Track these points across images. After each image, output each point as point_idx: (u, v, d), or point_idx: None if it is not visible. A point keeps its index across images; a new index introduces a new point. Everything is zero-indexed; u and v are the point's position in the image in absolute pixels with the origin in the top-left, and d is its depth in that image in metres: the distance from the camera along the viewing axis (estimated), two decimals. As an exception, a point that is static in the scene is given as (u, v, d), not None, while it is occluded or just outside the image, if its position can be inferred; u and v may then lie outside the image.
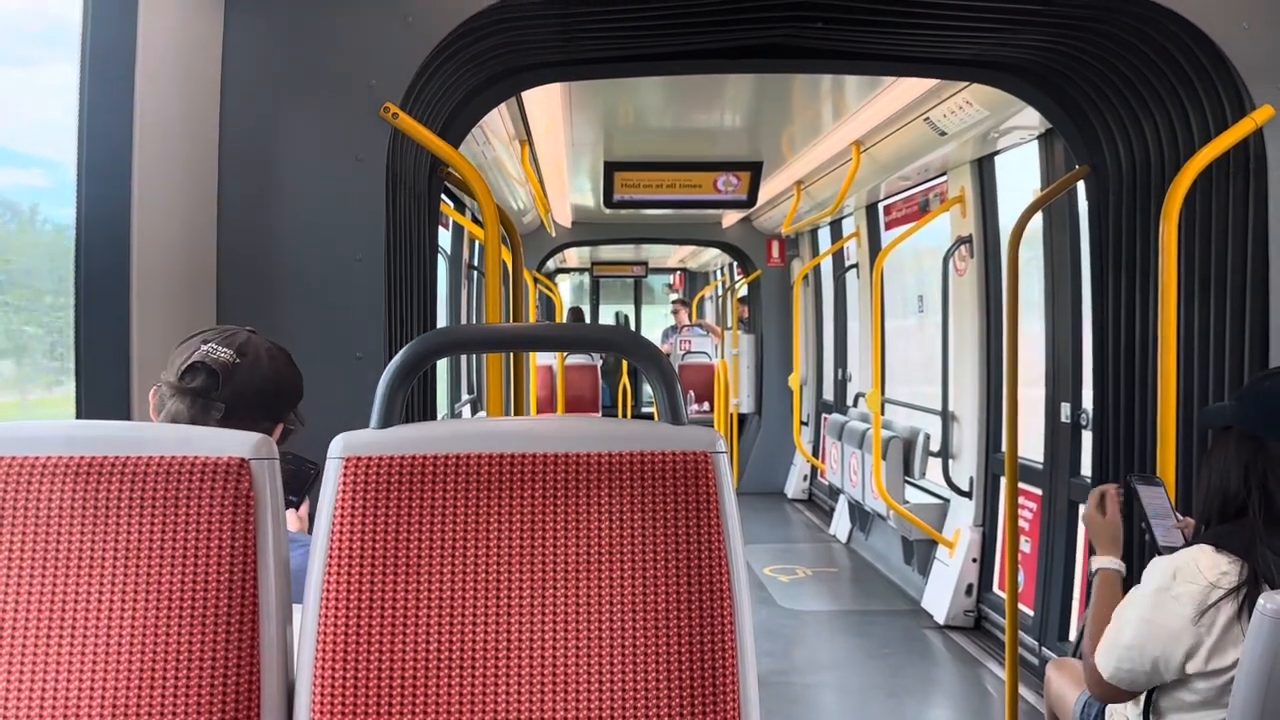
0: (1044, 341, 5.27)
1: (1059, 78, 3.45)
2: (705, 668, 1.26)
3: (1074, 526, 5.07)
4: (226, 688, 1.24)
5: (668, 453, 1.30)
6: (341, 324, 2.78)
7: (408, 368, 1.34)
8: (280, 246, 2.79)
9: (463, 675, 1.24)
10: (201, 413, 1.80)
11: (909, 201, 7.41)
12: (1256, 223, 2.90)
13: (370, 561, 1.26)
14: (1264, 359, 2.86)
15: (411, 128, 2.80)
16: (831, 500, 9.15)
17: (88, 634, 1.24)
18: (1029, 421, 5.27)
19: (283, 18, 2.79)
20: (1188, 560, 2.10)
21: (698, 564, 1.27)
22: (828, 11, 3.10)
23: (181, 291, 2.61)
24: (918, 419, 7.09)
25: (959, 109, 4.93)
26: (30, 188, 2.65)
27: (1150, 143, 3.24)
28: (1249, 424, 2.15)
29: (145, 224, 2.38)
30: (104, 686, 1.23)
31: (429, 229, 3.37)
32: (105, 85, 2.35)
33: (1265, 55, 2.88)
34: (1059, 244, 5.16)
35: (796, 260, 10.40)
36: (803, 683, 5.27)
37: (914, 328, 8.20)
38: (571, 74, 3.66)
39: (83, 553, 1.26)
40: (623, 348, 1.43)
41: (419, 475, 1.28)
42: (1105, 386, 3.62)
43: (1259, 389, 2.21)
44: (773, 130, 6.78)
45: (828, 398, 9.79)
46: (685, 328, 14.21)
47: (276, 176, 2.79)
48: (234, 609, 1.26)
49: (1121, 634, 2.15)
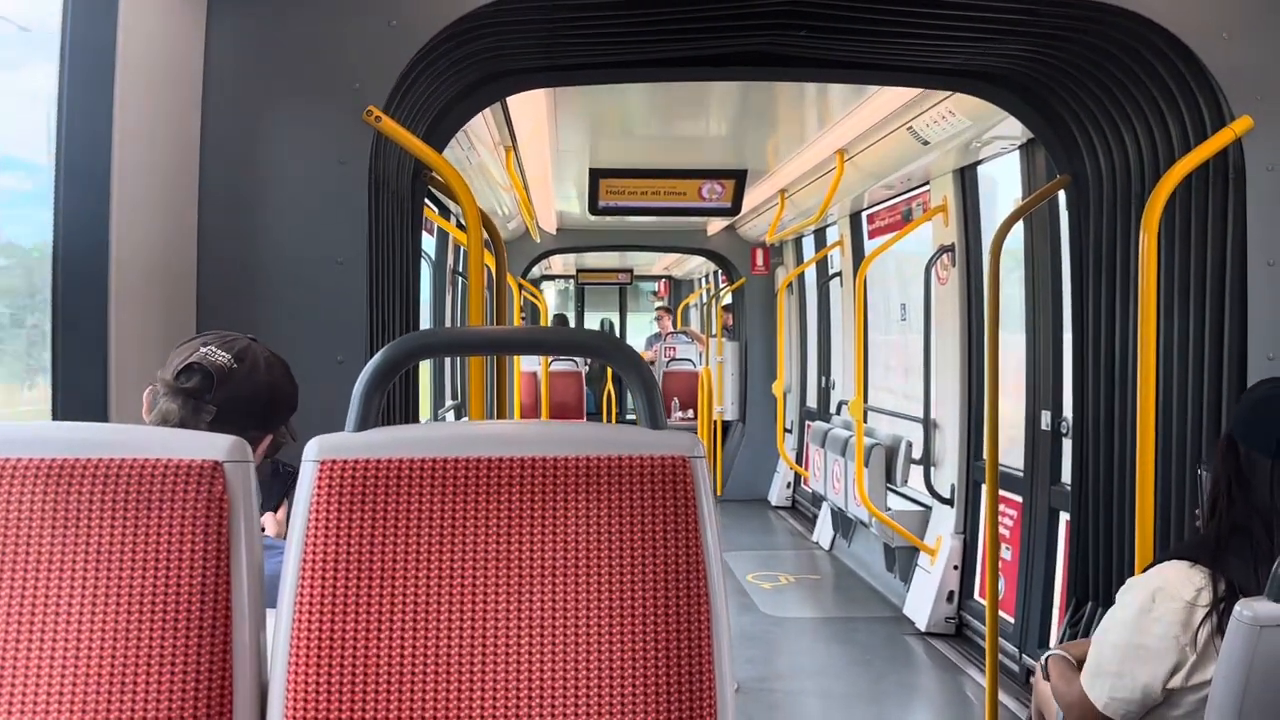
0: (1024, 350, 5.29)
1: (1040, 87, 3.47)
2: (683, 672, 1.25)
3: (1054, 534, 5.09)
4: (199, 692, 1.23)
5: (646, 457, 1.29)
6: (323, 327, 2.76)
7: (385, 370, 1.33)
8: (261, 249, 2.78)
9: (438, 680, 1.24)
10: (192, 414, 1.80)
11: (892, 210, 7.44)
12: (1235, 232, 2.92)
13: (345, 565, 1.25)
14: (1242, 368, 2.88)
15: (395, 131, 2.79)
16: (814, 507, 9.16)
17: (58, 637, 1.23)
18: (1010, 430, 5.30)
19: (265, 19, 2.77)
20: (1164, 579, 2.09)
21: (675, 568, 1.27)
22: (811, 20, 3.11)
23: (161, 294, 2.59)
24: (900, 426, 7.11)
25: (942, 119, 4.95)
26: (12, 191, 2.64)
27: (1130, 152, 3.26)
28: (1232, 426, 2.16)
29: (124, 226, 2.36)
30: (74, 691, 1.22)
31: (412, 233, 3.36)
32: (84, 87, 2.33)
33: (1244, 66, 2.89)
34: (1040, 253, 5.19)
35: (781, 268, 10.42)
36: (785, 689, 5.28)
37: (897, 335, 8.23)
38: (556, 79, 3.66)
39: (53, 555, 1.24)
40: (602, 352, 1.43)
41: (395, 479, 1.27)
42: (1085, 394, 3.63)
43: (1250, 391, 2.22)
44: (757, 138, 6.80)
45: (811, 405, 9.81)
46: (669, 335, 14.23)
47: (258, 179, 2.77)
48: (207, 613, 1.24)
49: (1109, 661, 2.12)
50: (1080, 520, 3.70)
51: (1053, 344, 5.09)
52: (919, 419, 6.47)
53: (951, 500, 6.12)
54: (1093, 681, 2.15)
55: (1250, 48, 2.90)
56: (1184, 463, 3.03)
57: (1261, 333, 2.86)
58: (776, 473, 10.32)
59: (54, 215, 2.34)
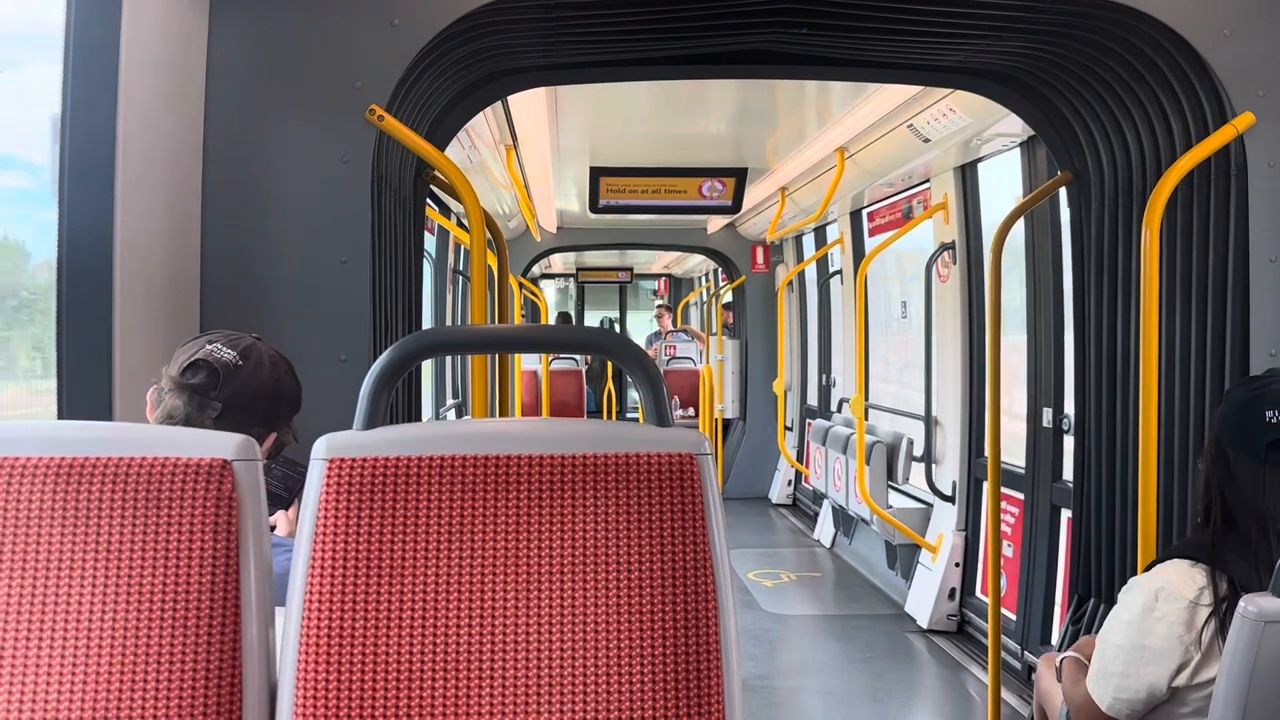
0: (1025, 347, 5.30)
1: (1041, 84, 3.47)
2: (691, 669, 1.25)
3: (1056, 531, 5.10)
4: (208, 691, 1.23)
5: (653, 454, 1.29)
6: (327, 326, 2.77)
7: (392, 369, 1.33)
8: (265, 248, 2.78)
9: (446, 678, 1.24)
10: (197, 411, 1.81)
11: (893, 208, 7.44)
12: (1237, 229, 2.92)
13: (354, 563, 1.25)
14: (1244, 365, 2.88)
15: (397, 130, 2.79)
16: (815, 505, 9.16)
17: (68, 636, 1.23)
18: (1011, 427, 5.30)
19: (268, 19, 2.77)
20: (1166, 579, 2.09)
21: (683, 566, 1.27)
22: (811, 18, 3.11)
23: (165, 293, 2.59)
24: (901, 424, 7.11)
25: (942, 116, 4.96)
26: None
27: (1131, 149, 3.26)
28: (1216, 425, 2.17)
29: (128, 225, 2.37)
30: (84, 689, 1.22)
31: (414, 232, 3.36)
32: (88, 87, 2.33)
33: (1246, 62, 2.90)
34: (1041, 250, 5.19)
35: (781, 266, 10.42)
36: (787, 687, 5.28)
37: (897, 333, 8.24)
38: (557, 78, 3.66)
39: (63, 554, 1.25)
40: (607, 349, 1.43)
41: (403, 477, 1.27)
42: (1087, 392, 3.63)
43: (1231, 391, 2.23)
44: (758, 136, 6.81)
45: (812, 403, 9.81)
46: (669, 333, 14.23)
47: (262, 178, 2.78)
48: (216, 611, 1.25)
49: (1112, 662, 2.12)
50: (1082, 517, 3.70)
51: (1054, 341, 5.10)
52: (920, 416, 6.48)
53: (953, 497, 6.13)
54: (1097, 683, 2.16)
55: (1252, 44, 2.90)
56: (1186, 459, 3.04)
57: (1264, 329, 2.87)
58: (777, 470, 10.32)
59: (58, 215, 2.34)
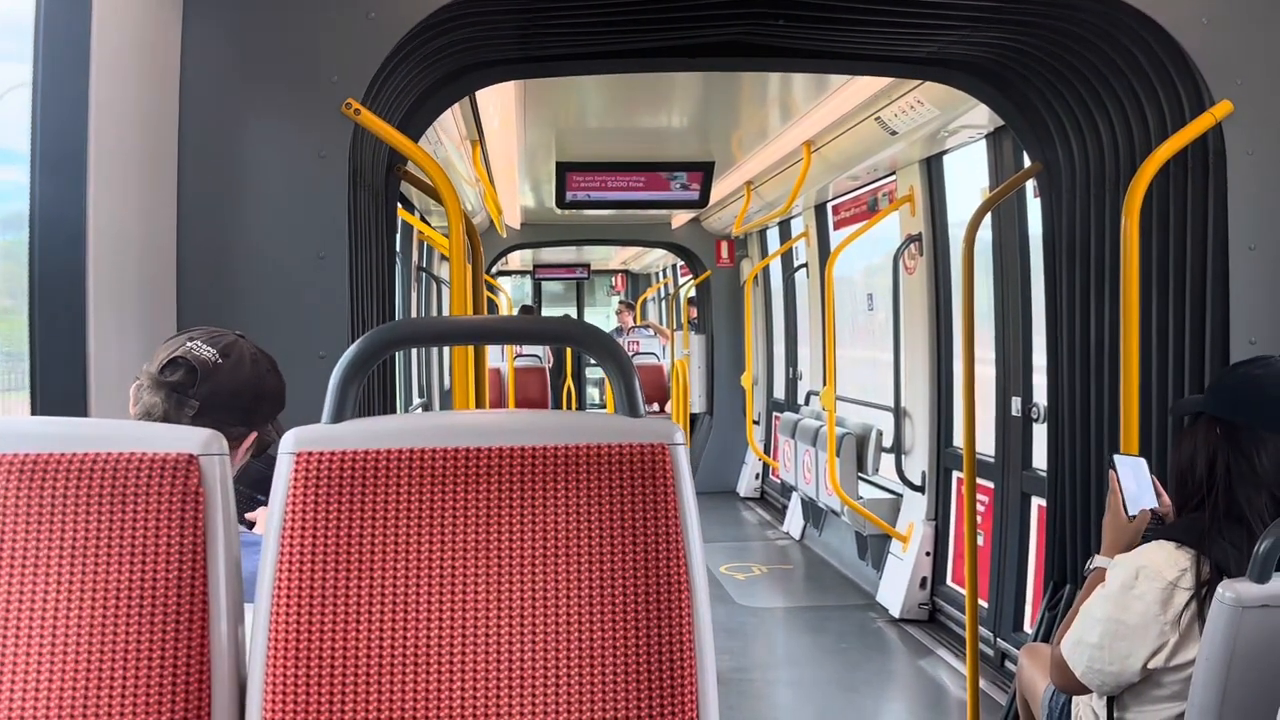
0: (993, 336, 5.35)
1: (1014, 75, 3.49)
2: (664, 661, 1.25)
3: (1027, 519, 5.16)
4: (176, 687, 1.22)
5: (625, 445, 1.28)
6: (304, 322, 2.73)
7: (361, 361, 1.32)
8: (242, 244, 2.74)
9: (417, 672, 1.23)
10: (175, 408, 1.80)
11: (857, 201, 7.48)
12: (1216, 218, 2.95)
13: (323, 557, 1.24)
14: (1224, 353, 2.91)
15: (374, 124, 2.76)
16: (783, 498, 9.20)
17: (33, 633, 1.21)
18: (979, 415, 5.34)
19: (243, 10, 2.73)
20: (1149, 559, 2.12)
21: (655, 557, 1.26)
22: (788, 8, 3.12)
23: (140, 289, 2.54)
24: (870, 415, 7.16)
25: (910, 108, 4.98)
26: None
27: (1105, 138, 3.28)
28: (1220, 408, 2.18)
29: (102, 221, 2.32)
30: (50, 686, 1.20)
31: (387, 227, 3.33)
32: (59, 80, 2.28)
33: (1225, 50, 2.92)
34: (1008, 241, 5.24)
35: (746, 260, 10.45)
36: (761, 679, 5.30)
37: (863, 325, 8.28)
38: (533, 71, 3.64)
39: (27, 551, 1.23)
40: (579, 340, 1.42)
41: (372, 470, 1.26)
42: (1060, 381, 3.67)
43: (1231, 373, 2.25)
44: (724, 130, 6.81)
45: (779, 396, 9.85)
46: (631, 329, 14.21)
47: (238, 173, 2.74)
48: (184, 606, 1.23)
49: (1089, 632, 2.17)
50: (1057, 504, 3.74)
51: (1022, 331, 5.15)
52: (889, 408, 6.52)
53: (922, 487, 6.18)
54: (1073, 649, 2.20)
55: (1230, 32, 2.92)
56: (1164, 446, 3.07)
57: (1243, 317, 2.89)
58: (745, 464, 10.36)
59: (29, 211, 2.28)
